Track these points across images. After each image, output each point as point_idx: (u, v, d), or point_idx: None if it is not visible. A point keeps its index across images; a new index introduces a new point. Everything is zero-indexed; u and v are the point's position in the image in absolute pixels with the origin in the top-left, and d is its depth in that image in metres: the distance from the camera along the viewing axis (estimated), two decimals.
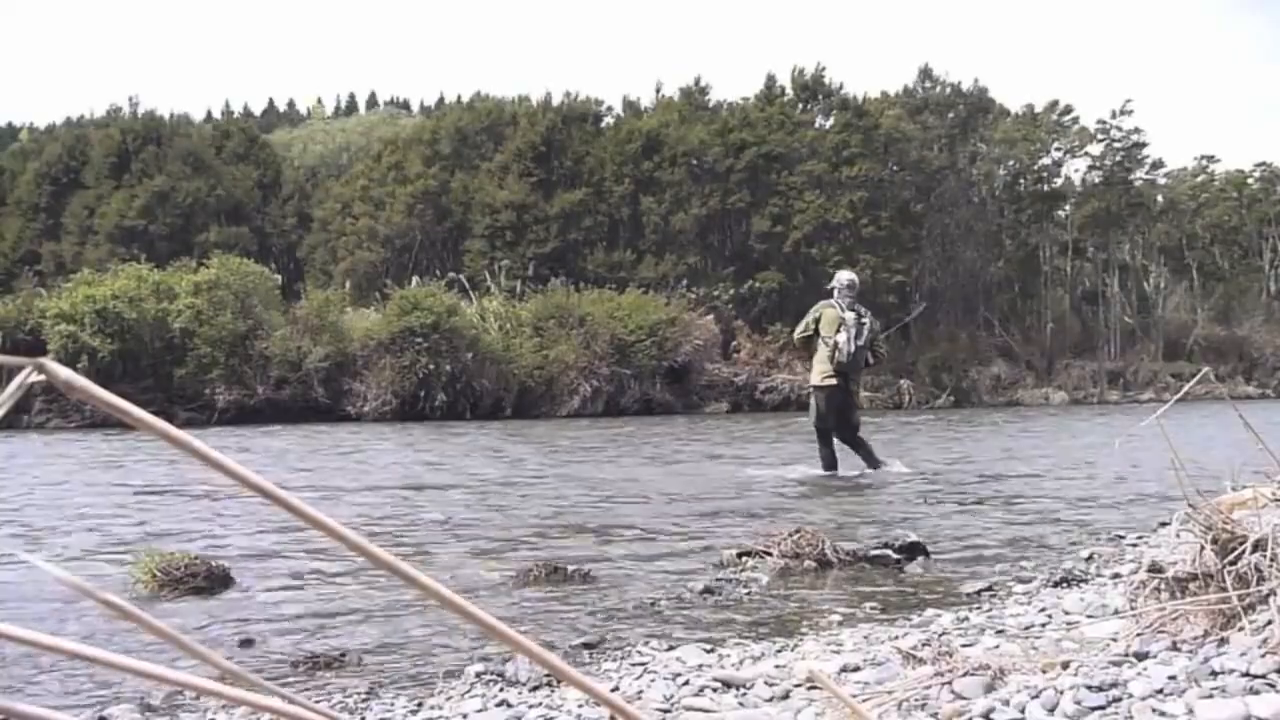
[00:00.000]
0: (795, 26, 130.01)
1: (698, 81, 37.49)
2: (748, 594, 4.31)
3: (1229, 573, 2.18)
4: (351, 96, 78.45)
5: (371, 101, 75.94)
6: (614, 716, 0.68)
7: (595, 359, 26.19)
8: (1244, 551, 2.18)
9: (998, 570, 4.64)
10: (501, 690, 2.92)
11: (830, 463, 9.28)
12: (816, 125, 35.56)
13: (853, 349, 9.04)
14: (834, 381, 9.13)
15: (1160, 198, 40.49)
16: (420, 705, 2.85)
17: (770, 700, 2.53)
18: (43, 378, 0.50)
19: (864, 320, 9.22)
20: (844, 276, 9.51)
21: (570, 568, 4.71)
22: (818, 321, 9.22)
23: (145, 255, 28.81)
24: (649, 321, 27.09)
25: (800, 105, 36.08)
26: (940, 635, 3.11)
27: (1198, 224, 41.09)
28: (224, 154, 40.09)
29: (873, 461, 9.27)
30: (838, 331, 9.07)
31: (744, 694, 2.62)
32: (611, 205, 33.66)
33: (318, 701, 2.38)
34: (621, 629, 3.74)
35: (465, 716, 2.69)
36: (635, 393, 26.61)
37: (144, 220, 35.76)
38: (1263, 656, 1.98)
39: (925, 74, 38.26)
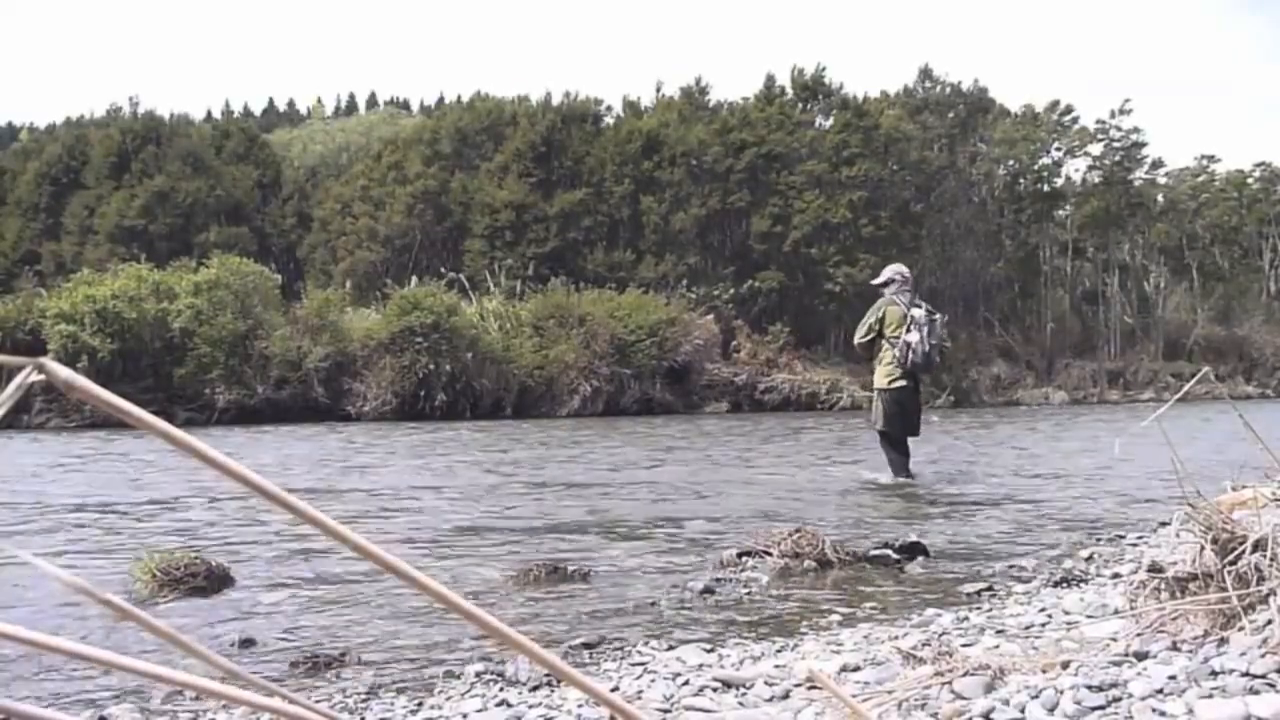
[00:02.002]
0: (795, 26, 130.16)
1: (698, 81, 37.52)
2: (748, 594, 4.31)
3: (1229, 573, 2.18)
4: (351, 96, 78.58)
5: (371, 101, 75.99)
6: (614, 716, 0.67)
7: (595, 359, 26.19)
8: (1244, 551, 2.18)
9: (998, 570, 4.63)
10: (501, 690, 2.92)
11: (903, 465, 8.70)
12: (816, 125, 35.56)
13: (926, 348, 8.45)
14: (903, 383, 8.57)
15: (1160, 198, 40.52)
16: (420, 705, 2.85)
17: (770, 700, 2.53)
18: (43, 378, 0.50)
19: (934, 316, 8.65)
20: (898, 270, 8.87)
21: (570, 568, 4.71)
22: (881, 321, 8.64)
23: (145, 255, 28.82)
24: (649, 321, 27.10)
25: (800, 105, 36.08)
26: (940, 635, 3.11)
27: (1198, 224, 41.11)
28: (224, 154, 40.09)
29: (904, 470, 8.69)
30: (907, 330, 8.47)
31: (744, 694, 2.62)
32: (611, 205, 33.66)
33: (318, 701, 2.39)
34: (621, 629, 3.74)
35: (465, 716, 2.69)
36: (635, 393, 26.62)
37: (144, 220, 35.77)
38: (1263, 656, 1.98)
39: (925, 74, 38.29)
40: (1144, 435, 2.41)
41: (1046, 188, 38.54)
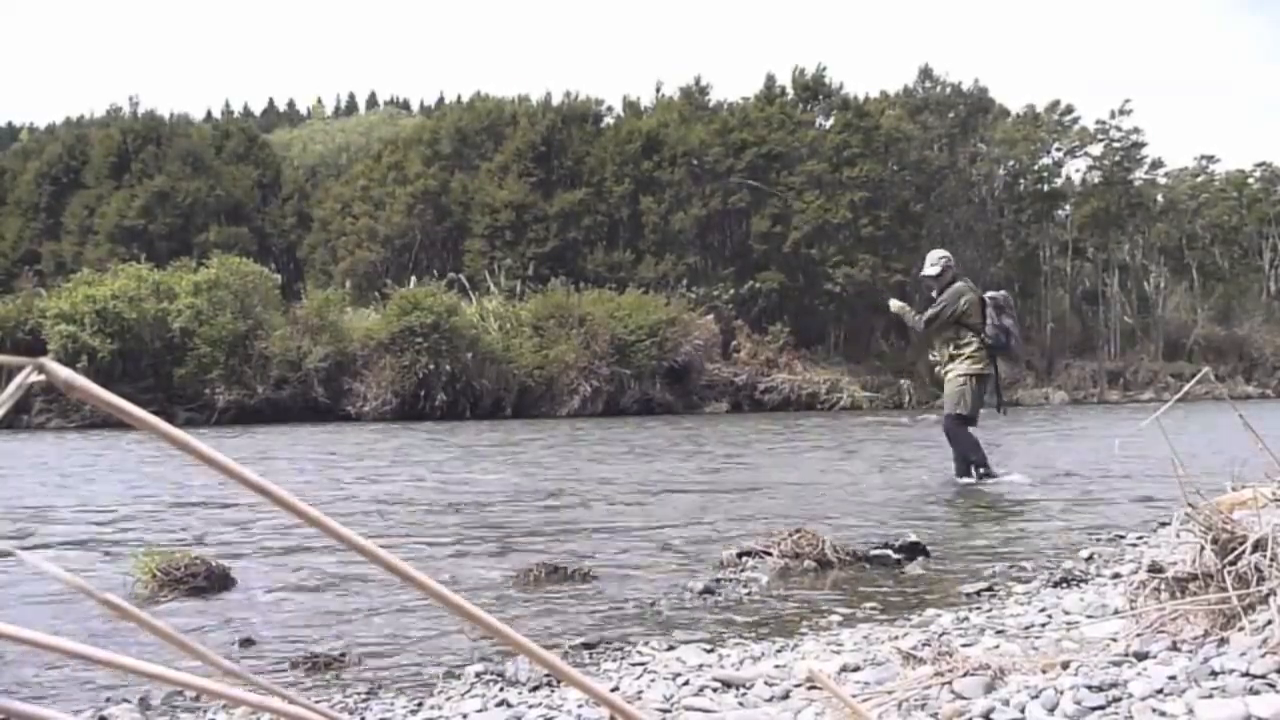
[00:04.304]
0: (795, 26, 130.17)
1: (698, 81, 37.56)
2: (748, 594, 4.31)
3: (1229, 573, 2.18)
4: (351, 96, 78.64)
5: (371, 101, 76.03)
6: (614, 716, 0.67)
7: (595, 359, 26.21)
8: (1244, 551, 2.18)
9: (998, 570, 4.63)
10: (501, 690, 2.92)
11: (966, 467, 8.49)
12: (817, 125, 35.57)
13: (1017, 331, 8.37)
14: (989, 371, 8.49)
15: (1160, 198, 40.54)
16: (420, 705, 2.85)
17: (770, 700, 2.53)
18: (43, 378, 0.50)
19: (1009, 300, 8.66)
20: (942, 255, 8.96)
21: (570, 568, 4.71)
22: (968, 304, 8.42)
23: (145, 255, 28.86)
24: (649, 321, 27.11)
25: (800, 105, 36.09)
26: (940, 635, 3.11)
27: (1198, 224, 41.13)
28: (224, 154, 40.11)
29: (965, 469, 8.52)
30: (998, 314, 8.40)
31: (744, 694, 2.62)
32: (611, 205, 33.67)
33: (318, 701, 2.38)
34: (621, 629, 3.74)
35: (465, 716, 2.69)
36: (635, 393, 26.63)
37: (144, 220, 35.78)
38: (1263, 656, 1.98)
39: (925, 74, 38.30)
40: (1144, 435, 2.41)
41: (1046, 188, 38.57)
